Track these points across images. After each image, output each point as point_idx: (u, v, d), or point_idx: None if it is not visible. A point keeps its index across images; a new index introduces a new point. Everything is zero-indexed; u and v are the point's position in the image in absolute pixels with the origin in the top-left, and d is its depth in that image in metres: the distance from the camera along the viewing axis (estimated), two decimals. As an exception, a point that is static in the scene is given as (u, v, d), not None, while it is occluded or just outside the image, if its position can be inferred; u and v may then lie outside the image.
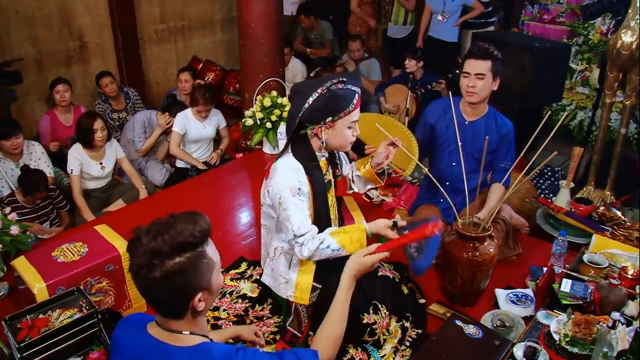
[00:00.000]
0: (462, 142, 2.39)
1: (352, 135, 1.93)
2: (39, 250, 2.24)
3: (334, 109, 1.85)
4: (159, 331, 1.23)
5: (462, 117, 2.57)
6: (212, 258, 1.22)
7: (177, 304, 1.20)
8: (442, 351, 1.83)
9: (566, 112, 4.86)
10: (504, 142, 2.54)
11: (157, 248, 1.13)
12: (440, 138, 2.60)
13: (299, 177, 1.88)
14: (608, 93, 3.16)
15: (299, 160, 1.91)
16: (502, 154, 2.55)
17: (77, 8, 4.79)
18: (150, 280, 1.14)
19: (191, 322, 1.23)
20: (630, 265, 2.08)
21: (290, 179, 1.86)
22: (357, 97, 1.89)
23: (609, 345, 1.64)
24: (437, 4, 5.13)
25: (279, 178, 1.87)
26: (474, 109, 2.54)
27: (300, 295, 2.03)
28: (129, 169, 3.73)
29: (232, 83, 5.36)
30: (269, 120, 3.77)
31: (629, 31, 2.89)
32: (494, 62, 2.42)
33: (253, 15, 3.96)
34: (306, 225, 1.86)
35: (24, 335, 1.75)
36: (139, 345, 1.24)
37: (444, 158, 2.62)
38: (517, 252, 2.62)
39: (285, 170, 1.89)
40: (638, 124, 4.40)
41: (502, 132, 2.53)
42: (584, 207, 2.75)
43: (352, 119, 1.89)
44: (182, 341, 1.21)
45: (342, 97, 1.85)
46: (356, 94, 1.88)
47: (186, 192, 3.50)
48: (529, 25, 5.44)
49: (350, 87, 1.87)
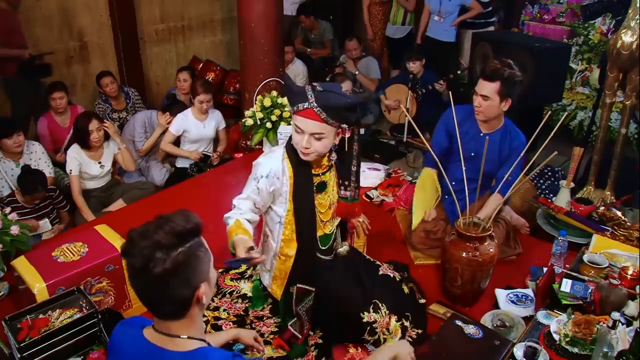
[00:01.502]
0: (474, 153, 2.46)
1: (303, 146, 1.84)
2: (39, 250, 2.25)
3: (289, 98, 1.88)
4: (156, 335, 1.22)
5: (478, 129, 2.59)
6: (208, 248, 1.24)
7: (183, 298, 1.18)
8: (442, 351, 1.84)
9: (566, 112, 4.86)
10: (514, 153, 2.52)
11: (161, 241, 1.13)
12: (456, 145, 2.55)
13: (272, 169, 1.92)
14: (608, 93, 3.16)
15: (288, 152, 1.95)
16: (509, 166, 2.49)
17: (77, 8, 4.80)
18: (156, 276, 1.12)
19: (190, 323, 1.23)
20: (631, 266, 2.08)
21: (264, 165, 1.93)
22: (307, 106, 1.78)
23: (609, 345, 1.64)
24: (434, 4, 5.13)
25: (259, 158, 1.99)
26: (487, 123, 2.56)
27: (275, 289, 2.08)
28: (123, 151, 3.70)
29: (233, 83, 5.36)
30: (269, 120, 3.77)
31: (629, 31, 2.89)
32: (503, 84, 2.40)
33: (253, 15, 3.96)
34: (241, 204, 1.95)
35: (24, 335, 1.75)
36: (135, 348, 1.24)
37: (454, 163, 2.60)
38: (518, 251, 2.62)
39: (268, 157, 1.98)
40: (638, 124, 4.40)
41: (514, 144, 2.54)
42: (584, 207, 2.75)
43: (295, 121, 1.84)
44: (178, 345, 1.20)
45: (293, 93, 1.84)
46: (306, 103, 1.78)
47: (186, 192, 3.50)
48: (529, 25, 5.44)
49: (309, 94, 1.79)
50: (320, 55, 5.98)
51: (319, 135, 1.83)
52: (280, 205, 1.99)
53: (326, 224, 2.07)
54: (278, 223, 2.03)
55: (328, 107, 1.78)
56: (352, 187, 2.06)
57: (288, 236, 2.02)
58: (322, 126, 1.81)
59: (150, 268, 1.12)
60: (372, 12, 5.77)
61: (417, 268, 2.59)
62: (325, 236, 2.09)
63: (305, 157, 1.89)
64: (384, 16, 5.76)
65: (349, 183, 2.05)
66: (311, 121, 1.80)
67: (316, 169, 1.98)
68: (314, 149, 1.85)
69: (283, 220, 2.01)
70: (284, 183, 1.94)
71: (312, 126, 1.81)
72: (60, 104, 4.00)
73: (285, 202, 1.97)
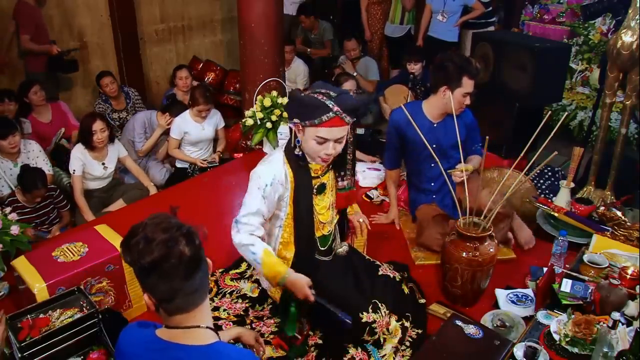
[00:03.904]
0: (435, 144, 2.57)
1: (324, 154, 1.87)
2: (39, 250, 2.24)
3: (301, 113, 1.85)
4: (172, 333, 1.22)
5: (429, 121, 2.72)
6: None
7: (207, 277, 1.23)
8: (442, 351, 1.83)
9: (566, 112, 4.86)
10: (471, 129, 2.76)
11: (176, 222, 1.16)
12: (413, 144, 2.69)
13: (276, 175, 1.91)
14: (608, 93, 3.15)
15: (287, 154, 1.94)
16: (472, 139, 2.77)
17: (77, 8, 4.80)
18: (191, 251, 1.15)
19: (206, 310, 1.24)
20: (631, 266, 2.08)
21: (265, 173, 1.90)
22: (332, 116, 1.80)
23: (609, 345, 1.64)
24: (437, 3, 5.12)
25: (259, 166, 1.94)
26: (437, 113, 2.70)
27: (274, 292, 2.08)
28: (135, 167, 3.73)
29: (233, 83, 5.36)
30: (269, 120, 3.78)
31: (629, 31, 2.89)
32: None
33: (253, 15, 3.96)
34: (251, 220, 1.90)
35: (25, 335, 1.75)
36: (149, 350, 1.23)
37: (421, 161, 2.74)
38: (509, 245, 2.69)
39: (268, 163, 1.95)
40: (638, 124, 4.40)
41: (467, 121, 2.74)
42: (584, 207, 2.74)
43: (318, 133, 1.83)
44: (197, 338, 1.20)
45: (312, 107, 1.81)
46: (331, 112, 1.79)
47: (186, 192, 3.50)
48: (529, 25, 5.44)
49: (327, 103, 1.80)
50: (320, 55, 5.98)
51: (341, 139, 1.86)
52: (281, 210, 1.99)
53: (325, 225, 2.07)
54: (277, 227, 2.03)
55: (349, 110, 1.82)
56: (348, 176, 2.09)
57: (286, 239, 2.02)
58: (345, 129, 1.85)
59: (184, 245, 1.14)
60: (371, 12, 5.76)
61: (417, 268, 2.60)
62: (324, 237, 2.09)
63: (325, 162, 1.93)
64: (382, 16, 5.75)
65: (344, 173, 2.08)
66: (336, 128, 1.82)
67: (316, 171, 1.98)
68: (336, 152, 1.88)
69: (282, 224, 2.01)
70: (287, 188, 1.94)
71: (337, 132, 1.84)
72: (42, 97, 4.06)
73: (286, 207, 1.98)
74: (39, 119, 4.13)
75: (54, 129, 4.16)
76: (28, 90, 4.04)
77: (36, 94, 4.05)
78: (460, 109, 2.61)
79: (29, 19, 4.25)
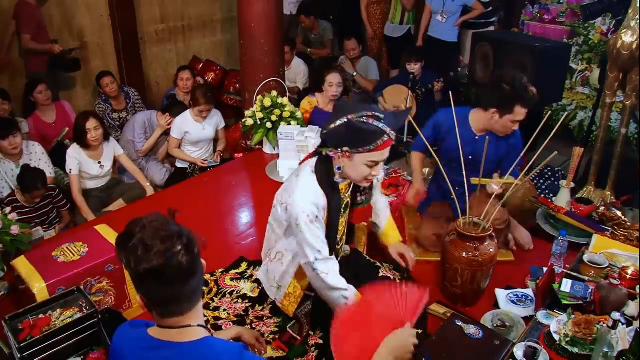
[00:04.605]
0: (472, 156, 2.49)
1: (371, 175, 1.84)
2: (39, 250, 2.24)
3: (353, 141, 1.78)
4: (164, 332, 1.22)
5: (472, 132, 2.61)
6: None
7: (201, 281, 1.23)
8: (442, 351, 1.83)
9: (566, 112, 4.86)
10: (513, 149, 2.58)
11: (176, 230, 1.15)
12: (450, 150, 2.58)
13: (318, 202, 1.84)
14: (608, 93, 3.16)
15: (319, 179, 1.86)
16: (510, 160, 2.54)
17: (78, 8, 4.80)
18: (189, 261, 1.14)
19: (198, 310, 1.24)
20: (631, 266, 2.08)
21: (309, 204, 1.82)
22: (386, 139, 1.76)
23: (609, 345, 1.64)
24: (437, 4, 5.12)
25: (298, 199, 1.83)
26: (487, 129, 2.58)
27: (287, 305, 2.04)
28: (132, 167, 3.73)
29: (233, 83, 5.36)
30: (269, 120, 3.78)
31: (629, 31, 2.89)
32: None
33: (253, 15, 3.96)
34: (324, 252, 1.85)
35: (25, 335, 1.75)
36: (141, 349, 1.23)
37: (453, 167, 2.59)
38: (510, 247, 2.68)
39: (306, 192, 1.84)
40: (638, 124, 4.40)
41: (511, 141, 2.59)
42: (584, 207, 2.74)
43: (372, 158, 1.79)
44: (188, 335, 1.21)
45: (366, 133, 1.75)
46: (385, 135, 1.76)
47: (186, 192, 3.50)
48: (529, 25, 5.43)
49: (381, 127, 1.75)
50: (320, 55, 5.98)
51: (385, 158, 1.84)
52: None
53: (341, 239, 2.07)
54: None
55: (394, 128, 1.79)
56: (367, 190, 2.07)
57: None
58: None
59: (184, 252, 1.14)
60: (370, 12, 5.77)
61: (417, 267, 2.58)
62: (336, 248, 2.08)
63: (370, 182, 1.90)
64: (382, 15, 5.75)
65: (364, 188, 2.04)
66: (387, 149, 1.80)
67: (341, 191, 1.95)
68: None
69: None
70: (324, 211, 1.90)
71: (386, 153, 1.81)
72: (47, 96, 4.06)
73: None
74: (43, 119, 4.14)
75: (58, 129, 4.16)
76: (33, 89, 4.04)
77: (41, 93, 4.05)
78: (506, 132, 2.53)
79: (30, 19, 4.26)
